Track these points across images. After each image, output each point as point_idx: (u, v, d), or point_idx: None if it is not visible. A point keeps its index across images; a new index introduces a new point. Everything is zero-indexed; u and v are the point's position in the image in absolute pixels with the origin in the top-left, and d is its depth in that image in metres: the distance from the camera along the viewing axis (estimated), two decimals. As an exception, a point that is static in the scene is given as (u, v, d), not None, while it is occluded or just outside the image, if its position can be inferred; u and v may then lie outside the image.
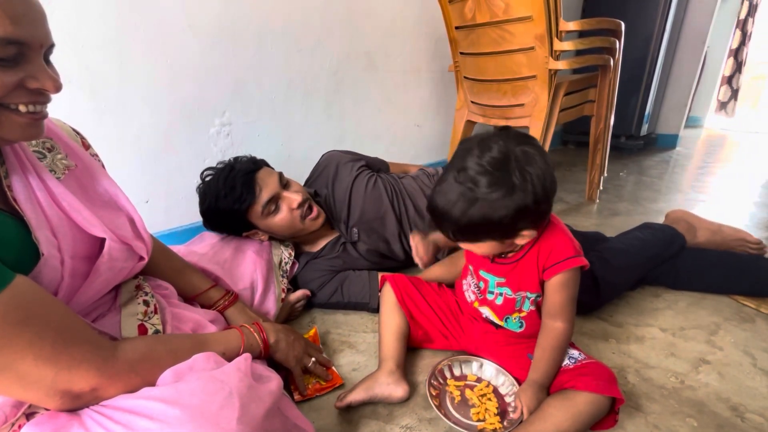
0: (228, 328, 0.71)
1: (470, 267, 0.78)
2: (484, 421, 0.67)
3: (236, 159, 0.97)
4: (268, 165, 1.01)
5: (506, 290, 0.71)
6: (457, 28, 1.53)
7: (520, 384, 0.72)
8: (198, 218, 1.00)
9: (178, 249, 0.90)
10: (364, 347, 0.91)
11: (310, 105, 1.46)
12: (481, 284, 0.75)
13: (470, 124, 1.74)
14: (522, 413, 0.64)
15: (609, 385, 0.62)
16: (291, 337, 0.76)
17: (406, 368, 0.80)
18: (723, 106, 3.44)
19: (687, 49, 2.58)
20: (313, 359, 0.78)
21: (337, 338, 0.94)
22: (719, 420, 0.69)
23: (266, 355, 0.71)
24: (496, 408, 0.69)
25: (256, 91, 1.30)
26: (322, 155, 1.19)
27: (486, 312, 0.76)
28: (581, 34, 1.65)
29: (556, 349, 0.68)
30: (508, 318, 0.74)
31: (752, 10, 3.12)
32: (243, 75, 1.26)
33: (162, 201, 1.21)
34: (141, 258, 0.63)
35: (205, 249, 0.92)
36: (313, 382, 0.79)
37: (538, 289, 0.69)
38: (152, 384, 0.52)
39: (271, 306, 0.90)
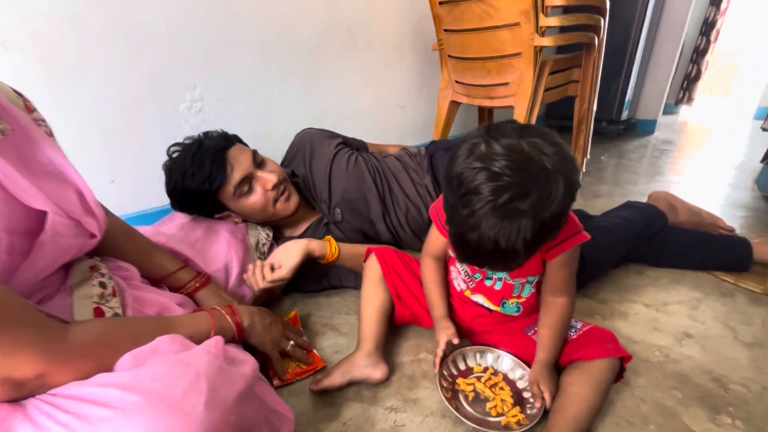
0: (198, 311, 0.66)
1: None
2: (504, 415, 0.63)
3: (206, 134, 0.90)
4: (241, 141, 0.95)
5: (505, 275, 0.68)
6: (440, 3, 1.47)
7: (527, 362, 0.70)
8: (168, 201, 0.93)
9: (144, 230, 0.84)
10: (347, 329, 0.87)
11: (288, 82, 1.39)
12: (478, 275, 0.71)
13: (454, 105, 1.70)
14: (544, 401, 0.61)
15: (616, 345, 0.61)
16: (267, 319, 0.72)
17: (387, 348, 0.77)
18: (684, 94, 3.51)
19: (666, 37, 2.62)
20: (292, 342, 0.74)
21: (319, 321, 0.90)
22: (702, 391, 0.69)
23: (240, 339, 0.67)
24: (511, 396, 0.66)
25: (229, 66, 1.22)
26: (297, 134, 1.13)
27: (479, 299, 0.73)
28: (566, 10, 1.63)
29: (562, 325, 0.66)
30: (505, 303, 0.71)
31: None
32: (215, 47, 1.18)
33: (129, 181, 1.13)
34: (92, 235, 0.57)
35: (174, 229, 0.86)
36: (293, 366, 0.75)
37: (540, 270, 0.66)
38: (109, 370, 0.47)
39: (248, 289, 0.85)
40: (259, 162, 0.93)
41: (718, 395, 0.68)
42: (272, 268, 0.83)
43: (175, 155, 0.88)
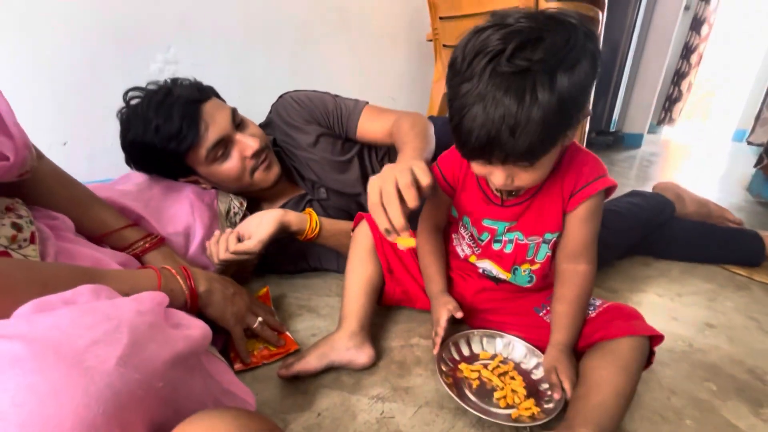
0: (141, 268, 0.54)
1: (465, 219, 0.63)
2: (515, 407, 0.52)
3: (175, 81, 0.77)
4: (218, 95, 0.82)
5: (517, 235, 0.58)
6: (437, -11, 1.43)
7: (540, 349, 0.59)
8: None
9: (93, 186, 0.70)
10: (327, 311, 0.75)
11: (273, 55, 1.29)
12: (485, 235, 0.60)
13: (448, 97, 1.64)
14: (564, 392, 0.50)
15: (643, 323, 0.51)
16: (230, 289, 0.59)
17: (373, 333, 0.65)
18: (666, 114, 3.60)
19: (652, 54, 2.70)
20: (260, 319, 0.62)
21: (295, 302, 0.77)
22: (738, 383, 0.60)
23: (194, 308, 0.54)
24: (524, 387, 0.55)
25: (209, 30, 1.12)
26: (277, 99, 0.95)
27: (486, 265, 0.62)
28: None
29: (583, 298, 0.56)
30: (517, 270, 0.61)
31: (696, 24, 3.28)
32: (192, 7, 1.08)
33: (83, 145, 1.00)
34: (4, 157, 0.45)
35: (128, 188, 0.73)
36: (260, 348, 0.62)
37: (560, 225, 0.56)
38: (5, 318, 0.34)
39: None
40: (238, 122, 0.79)
41: (757, 388, 0.59)
42: (240, 240, 0.70)
43: (134, 102, 0.75)
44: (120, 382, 0.28)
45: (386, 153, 0.97)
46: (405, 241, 0.51)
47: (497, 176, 0.47)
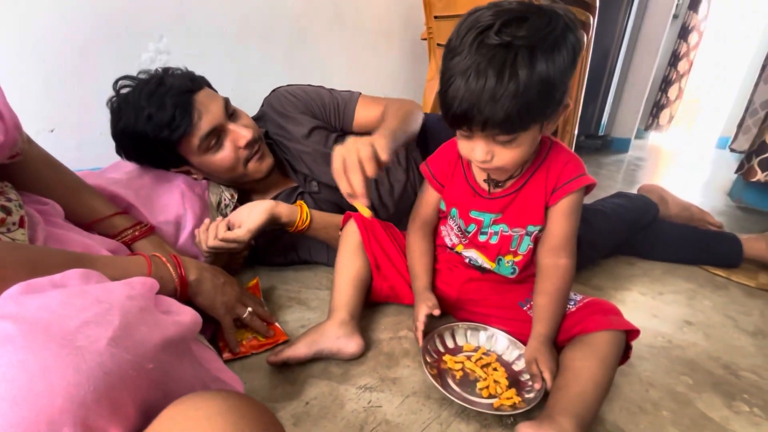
0: (132, 255, 0.53)
1: (453, 210, 0.65)
2: (497, 396, 0.53)
3: (167, 70, 0.77)
4: (210, 86, 0.82)
5: (503, 227, 0.61)
6: (433, -12, 1.44)
7: (522, 342, 0.60)
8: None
9: (83, 173, 0.69)
10: (317, 304, 0.75)
11: (268, 49, 1.29)
12: (472, 227, 0.62)
13: (441, 96, 1.65)
14: (544, 382, 0.51)
15: (620, 318, 0.52)
16: (220, 279, 0.60)
17: (363, 325, 0.66)
18: (653, 120, 3.68)
19: (641, 61, 2.75)
20: (249, 309, 0.62)
21: (285, 294, 0.78)
22: (714, 378, 0.62)
23: (184, 296, 0.54)
24: (506, 378, 0.56)
25: (203, 20, 1.11)
26: (270, 93, 0.97)
27: (472, 255, 0.64)
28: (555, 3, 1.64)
29: (563, 291, 0.57)
30: (501, 260, 0.63)
31: (684, 32, 3.36)
32: (188, -4, 1.07)
33: (72, 133, 0.98)
34: (-5, 137, 0.44)
35: (119, 176, 0.72)
36: (249, 338, 0.62)
37: (542, 219, 0.58)
38: (-8, 300, 0.34)
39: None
40: (231, 112, 0.79)
41: (730, 382, 0.61)
42: (230, 229, 0.70)
43: (125, 91, 0.74)
44: (111, 362, 0.28)
45: None
46: (362, 209, 0.56)
47: (478, 151, 0.50)
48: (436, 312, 0.58)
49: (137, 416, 0.31)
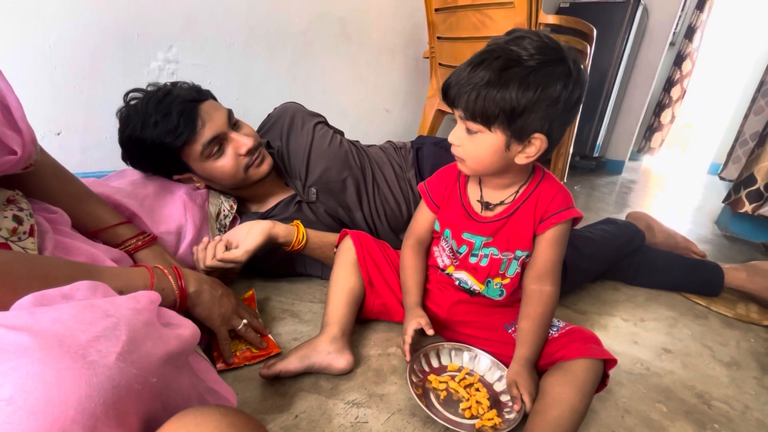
0: (135, 266, 0.55)
1: (447, 231, 0.68)
2: (479, 417, 0.55)
3: (174, 84, 0.80)
4: (215, 98, 0.86)
5: (493, 250, 0.63)
6: (437, 10, 1.48)
7: (505, 364, 0.63)
8: (124, 166, 0.82)
9: (89, 182, 0.72)
10: (310, 317, 0.77)
11: (274, 61, 1.32)
12: (463, 248, 0.65)
13: (440, 114, 1.69)
14: (524, 404, 0.54)
15: (599, 347, 0.55)
16: (218, 291, 0.62)
17: (353, 340, 0.68)
18: (646, 143, 3.76)
19: (637, 85, 2.82)
20: (245, 321, 0.64)
21: (279, 306, 0.80)
22: (687, 406, 0.65)
23: (183, 308, 0.56)
24: (488, 399, 0.58)
25: (212, 31, 1.14)
26: (276, 107, 1.03)
27: (462, 277, 0.67)
28: (556, 30, 1.69)
29: (546, 316, 0.60)
30: (490, 282, 0.65)
31: (678, 59, 3.45)
32: (198, 8, 1.10)
33: (78, 136, 1.00)
34: (12, 152, 0.47)
35: (123, 185, 0.75)
36: (243, 349, 0.64)
37: (530, 246, 0.61)
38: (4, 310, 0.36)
39: (200, 261, 0.74)
40: (233, 123, 0.84)
41: (703, 411, 0.64)
42: (227, 248, 0.73)
43: (134, 102, 0.77)
44: (119, 376, 0.31)
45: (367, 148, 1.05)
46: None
47: (454, 133, 0.57)
48: (430, 332, 0.60)
49: (140, 426, 0.33)
